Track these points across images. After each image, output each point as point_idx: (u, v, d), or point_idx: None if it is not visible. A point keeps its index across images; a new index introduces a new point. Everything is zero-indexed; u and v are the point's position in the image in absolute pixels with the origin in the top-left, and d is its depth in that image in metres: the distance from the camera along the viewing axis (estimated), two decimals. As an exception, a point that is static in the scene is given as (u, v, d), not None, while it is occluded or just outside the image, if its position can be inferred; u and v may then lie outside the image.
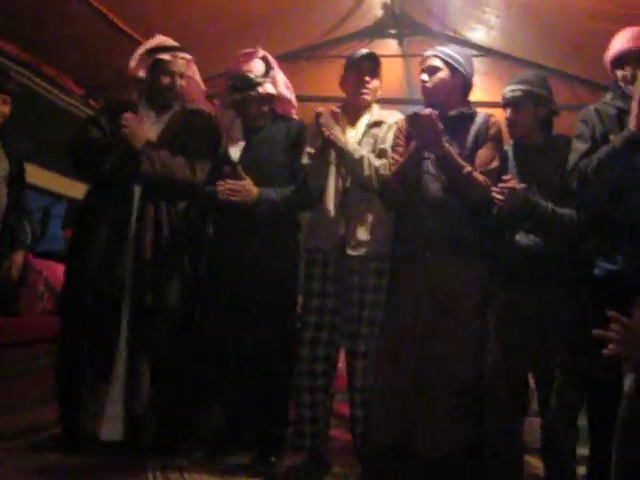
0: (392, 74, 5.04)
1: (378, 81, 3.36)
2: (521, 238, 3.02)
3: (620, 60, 2.98)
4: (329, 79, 4.52)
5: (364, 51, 3.37)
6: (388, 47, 5.57)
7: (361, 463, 3.21)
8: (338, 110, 3.33)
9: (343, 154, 3.19)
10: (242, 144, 3.47)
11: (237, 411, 3.36)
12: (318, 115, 3.16)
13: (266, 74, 3.42)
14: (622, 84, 2.98)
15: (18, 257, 3.61)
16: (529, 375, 3.19)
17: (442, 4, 4.96)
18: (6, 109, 3.49)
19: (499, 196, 2.90)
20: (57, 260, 5.18)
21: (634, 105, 2.76)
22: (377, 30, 5.46)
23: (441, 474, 2.97)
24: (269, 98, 3.44)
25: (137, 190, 3.32)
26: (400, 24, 5.39)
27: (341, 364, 3.39)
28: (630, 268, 2.81)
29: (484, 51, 5.36)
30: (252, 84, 3.38)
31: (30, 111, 4.42)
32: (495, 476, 2.97)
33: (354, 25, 5.35)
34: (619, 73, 3.00)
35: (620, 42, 2.98)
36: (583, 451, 3.02)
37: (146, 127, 3.39)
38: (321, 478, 3.19)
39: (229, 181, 3.25)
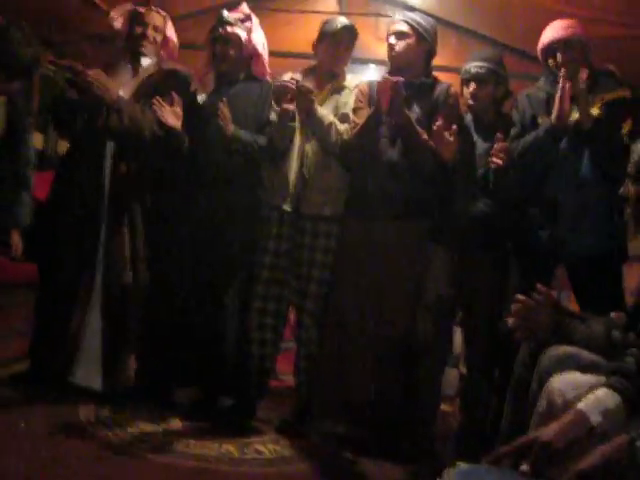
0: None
1: (350, 51, 3.45)
2: (471, 206, 3.22)
3: (551, 49, 3.16)
4: (268, 33, 4.59)
5: (342, 21, 3.40)
6: (326, 4, 5.59)
7: (301, 411, 3.39)
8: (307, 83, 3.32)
9: (315, 121, 3.26)
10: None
11: (182, 349, 3.44)
12: (300, 86, 3.20)
13: (241, 21, 3.48)
14: (553, 71, 3.15)
15: (15, 237, 3.38)
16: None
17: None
18: None
19: (499, 155, 3.07)
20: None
21: (557, 101, 2.97)
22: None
23: (371, 418, 3.21)
24: (238, 43, 3.47)
25: (109, 147, 3.37)
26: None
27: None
28: (552, 243, 3.09)
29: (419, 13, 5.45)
30: (222, 21, 3.45)
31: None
32: (415, 419, 3.23)
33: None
34: (551, 61, 3.18)
35: (551, 32, 3.17)
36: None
37: (119, 82, 3.41)
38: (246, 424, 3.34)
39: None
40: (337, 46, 3.38)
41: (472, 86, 3.27)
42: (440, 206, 3.25)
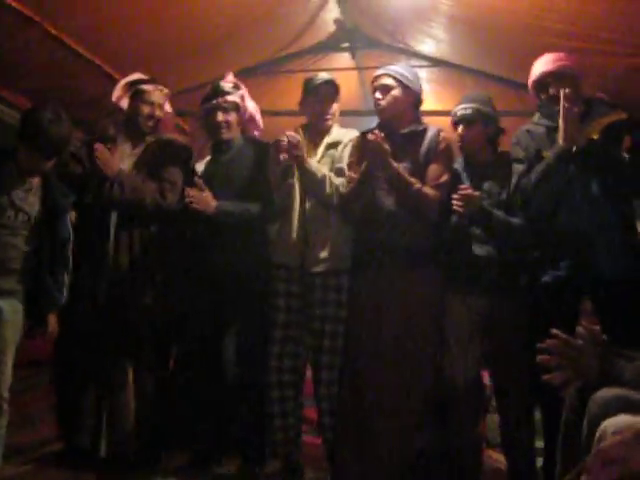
0: (347, 87, 5.15)
1: (336, 104, 3.49)
2: (476, 249, 3.18)
3: (543, 83, 3.20)
4: (284, 93, 4.68)
5: (323, 76, 3.48)
6: (342, 61, 5.72)
7: (331, 467, 3.33)
8: (297, 135, 3.37)
9: (307, 174, 3.32)
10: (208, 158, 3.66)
11: (217, 421, 3.48)
12: (289, 136, 3.27)
13: (234, 89, 3.60)
14: (548, 104, 3.18)
15: (52, 319, 3.29)
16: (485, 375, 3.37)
17: (392, 19, 5.07)
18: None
19: (458, 203, 3.05)
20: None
21: (561, 122, 2.98)
22: (331, 45, 5.61)
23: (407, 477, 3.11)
24: (235, 109, 3.58)
25: (113, 217, 3.45)
26: (352, 38, 5.52)
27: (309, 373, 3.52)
28: (572, 272, 3.03)
29: (434, 62, 5.52)
30: (219, 91, 3.56)
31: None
32: (457, 474, 3.13)
33: (309, 40, 5.49)
34: (543, 96, 3.21)
35: (540, 66, 3.21)
36: (540, 444, 3.20)
37: (119, 157, 3.54)
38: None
39: (191, 190, 3.39)
40: (321, 102, 3.45)
41: (460, 128, 3.29)
42: (446, 252, 3.24)
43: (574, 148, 2.99)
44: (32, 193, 3.11)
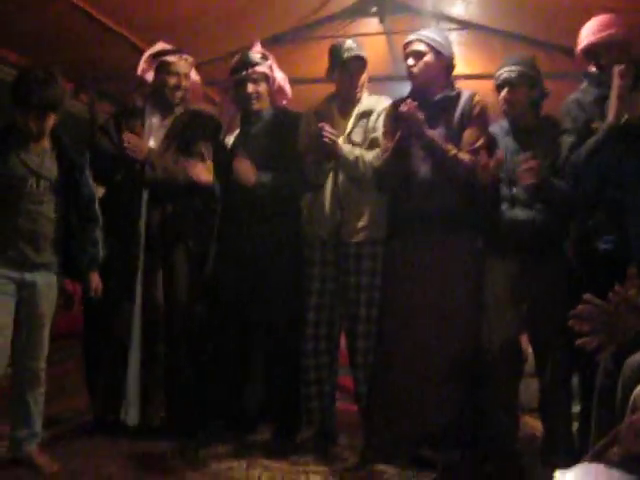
0: (376, 52, 5.12)
1: (365, 74, 3.46)
2: (519, 212, 3.15)
3: (592, 52, 3.11)
4: (315, 60, 4.64)
5: (351, 49, 3.39)
6: (370, 26, 5.64)
7: (365, 433, 3.34)
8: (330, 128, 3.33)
9: (339, 158, 3.32)
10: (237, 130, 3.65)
11: (252, 389, 3.55)
12: (321, 127, 3.26)
13: (263, 59, 3.57)
14: (598, 74, 3.10)
15: (95, 277, 3.22)
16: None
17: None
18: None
19: (523, 174, 3.03)
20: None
21: (613, 100, 2.88)
22: (359, 9, 5.53)
23: (441, 440, 3.13)
24: (264, 80, 3.57)
25: (145, 194, 3.49)
26: (381, 2, 5.46)
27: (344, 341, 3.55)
28: (620, 246, 2.95)
29: (464, 24, 5.46)
30: (248, 62, 3.53)
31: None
32: (491, 439, 3.14)
33: (337, 6, 5.43)
34: (593, 65, 3.14)
35: (588, 35, 3.12)
36: (577, 408, 3.22)
37: (148, 130, 3.57)
38: (330, 449, 3.37)
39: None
40: (350, 76, 3.42)
41: (505, 91, 3.23)
42: (486, 218, 3.22)
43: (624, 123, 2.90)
44: (47, 157, 3.07)
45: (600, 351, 2.00)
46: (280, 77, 3.68)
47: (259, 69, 3.54)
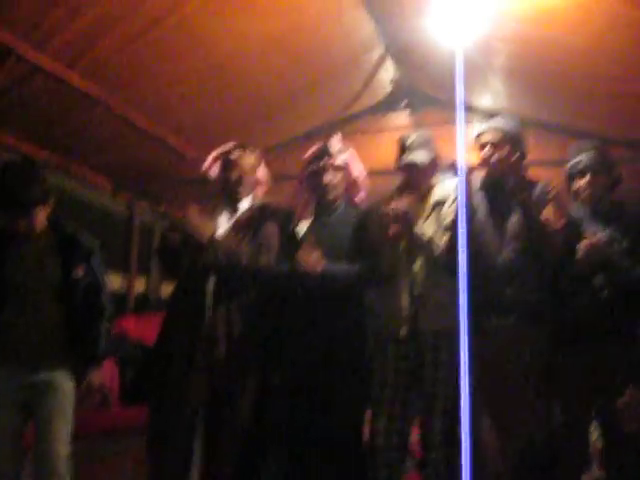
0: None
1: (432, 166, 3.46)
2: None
3: None
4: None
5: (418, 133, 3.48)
6: (400, 119, 5.77)
7: None
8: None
9: (415, 239, 3.30)
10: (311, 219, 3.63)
11: None
12: (396, 210, 3.26)
13: (341, 151, 3.60)
14: None
15: (97, 374, 3.18)
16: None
17: (447, 75, 5.13)
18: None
19: (584, 252, 3.04)
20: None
21: None
22: (388, 104, 5.67)
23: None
24: (342, 171, 3.58)
25: (211, 283, 3.37)
26: (410, 96, 5.59)
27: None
28: None
29: (492, 115, 5.51)
30: (326, 152, 3.55)
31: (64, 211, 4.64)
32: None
33: (367, 101, 5.58)
34: None
35: None
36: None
37: (215, 222, 3.50)
38: None
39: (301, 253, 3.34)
40: (416, 180, 3.44)
41: (586, 178, 3.26)
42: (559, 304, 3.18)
43: None
44: (47, 253, 3.05)
45: None
46: (358, 170, 3.69)
47: (337, 160, 3.57)
